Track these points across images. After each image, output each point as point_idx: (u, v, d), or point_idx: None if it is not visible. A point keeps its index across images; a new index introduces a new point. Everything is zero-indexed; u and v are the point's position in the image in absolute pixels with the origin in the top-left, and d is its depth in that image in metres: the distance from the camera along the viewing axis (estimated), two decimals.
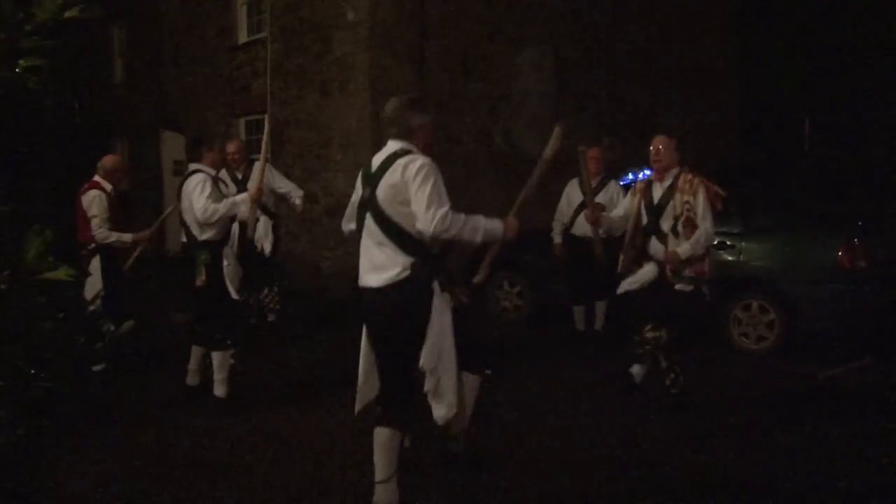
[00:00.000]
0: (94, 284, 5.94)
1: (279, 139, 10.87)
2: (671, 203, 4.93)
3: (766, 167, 7.75)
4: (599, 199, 6.85)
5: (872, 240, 6.30)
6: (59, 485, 3.82)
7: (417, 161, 3.28)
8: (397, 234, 3.30)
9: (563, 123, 3.87)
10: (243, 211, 5.15)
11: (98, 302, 5.85)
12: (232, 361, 5.21)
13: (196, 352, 5.37)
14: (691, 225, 4.85)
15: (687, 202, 4.87)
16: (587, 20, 11.61)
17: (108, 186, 6.12)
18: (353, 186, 3.64)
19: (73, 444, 4.32)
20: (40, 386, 1.90)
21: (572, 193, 7.10)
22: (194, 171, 5.15)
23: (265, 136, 5.58)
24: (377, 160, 3.43)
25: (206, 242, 5.08)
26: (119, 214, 6.19)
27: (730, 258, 6.65)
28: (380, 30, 9.53)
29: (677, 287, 4.89)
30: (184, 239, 5.26)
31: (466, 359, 3.54)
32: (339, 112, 9.88)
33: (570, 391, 5.56)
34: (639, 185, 5.25)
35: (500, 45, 10.68)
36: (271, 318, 7.19)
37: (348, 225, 3.67)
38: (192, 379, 5.43)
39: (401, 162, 3.30)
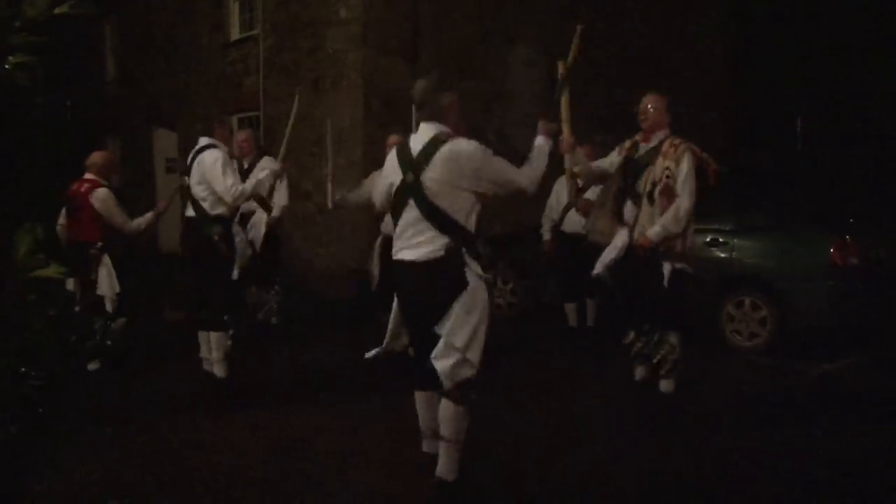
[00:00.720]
0: (111, 284, 5.90)
1: (272, 137, 10.83)
2: (651, 166, 4.55)
3: (759, 165, 7.77)
4: (589, 195, 6.86)
5: (864, 237, 6.33)
6: (54, 484, 3.80)
7: (466, 147, 3.36)
8: (440, 217, 3.34)
9: (582, 24, 4.01)
10: (267, 184, 5.27)
11: (114, 301, 5.92)
12: (229, 342, 5.19)
13: (203, 338, 5.24)
14: (669, 194, 4.42)
15: (668, 168, 4.45)
16: (582, 18, 11.57)
17: (105, 183, 6.08)
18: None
19: (68, 444, 4.29)
20: (32, 384, 1.89)
21: (561, 191, 7.08)
22: (208, 146, 4.98)
23: (293, 112, 5.70)
24: (416, 145, 3.43)
25: (217, 217, 4.97)
26: None
27: (722, 255, 6.67)
28: (372, 27, 9.51)
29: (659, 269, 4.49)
30: (190, 212, 5.11)
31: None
32: (331, 109, 9.86)
33: (563, 388, 5.56)
34: (626, 144, 4.89)
35: (493, 43, 10.67)
36: (275, 321, 7.04)
37: (379, 200, 3.70)
38: (207, 365, 5.29)
39: (448, 149, 3.34)
